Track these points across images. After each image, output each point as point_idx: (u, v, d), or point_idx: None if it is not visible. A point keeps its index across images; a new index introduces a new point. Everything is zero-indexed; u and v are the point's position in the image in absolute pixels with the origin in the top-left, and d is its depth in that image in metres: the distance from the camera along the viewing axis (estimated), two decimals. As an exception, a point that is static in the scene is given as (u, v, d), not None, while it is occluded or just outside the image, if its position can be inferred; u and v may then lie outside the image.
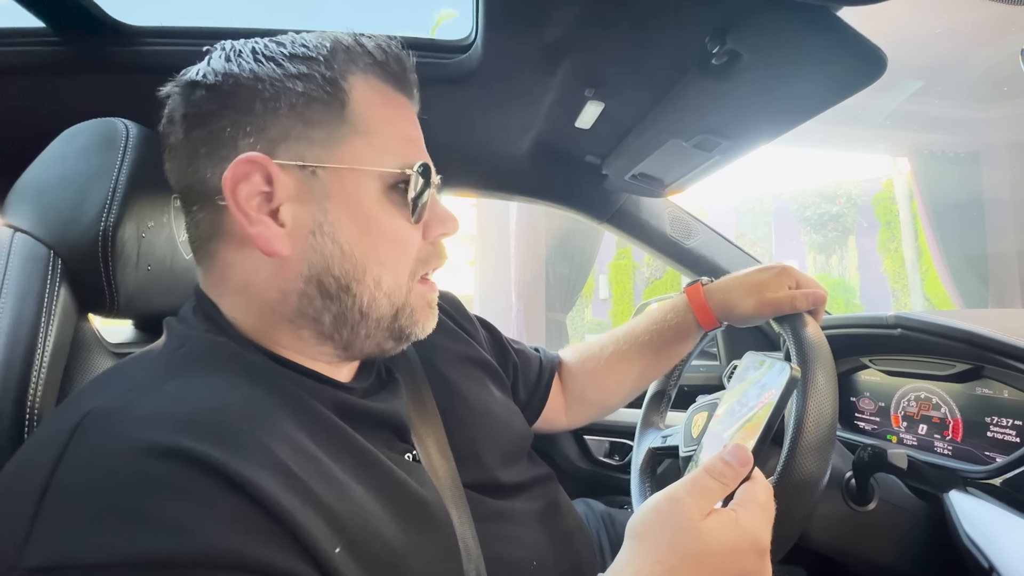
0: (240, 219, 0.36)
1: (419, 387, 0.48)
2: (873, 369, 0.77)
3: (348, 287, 0.38)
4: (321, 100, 0.37)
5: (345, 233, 0.38)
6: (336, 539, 0.30)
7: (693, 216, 1.08)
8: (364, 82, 0.39)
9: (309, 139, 0.37)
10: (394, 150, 0.40)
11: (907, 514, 0.60)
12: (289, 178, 0.37)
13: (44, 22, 0.64)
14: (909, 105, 3.66)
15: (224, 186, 0.36)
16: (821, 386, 0.46)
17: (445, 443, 0.46)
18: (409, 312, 0.41)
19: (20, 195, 0.50)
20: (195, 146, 0.37)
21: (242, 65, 0.37)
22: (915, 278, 6.88)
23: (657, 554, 0.32)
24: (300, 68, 0.37)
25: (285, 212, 0.37)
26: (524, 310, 4.24)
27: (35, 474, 0.27)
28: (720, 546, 0.31)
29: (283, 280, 0.38)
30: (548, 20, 0.58)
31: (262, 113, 0.36)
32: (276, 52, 0.38)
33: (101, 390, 0.34)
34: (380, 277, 0.39)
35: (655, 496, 0.34)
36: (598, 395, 0.70)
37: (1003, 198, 3.87)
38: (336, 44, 0.39)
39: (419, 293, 0.42)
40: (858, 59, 0.52)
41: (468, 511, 0.42)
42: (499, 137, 0.89)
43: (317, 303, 0.38)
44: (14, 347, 0.41)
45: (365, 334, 0.40)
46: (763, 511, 0.34)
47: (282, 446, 0.31)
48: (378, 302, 0.39)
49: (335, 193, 0.37)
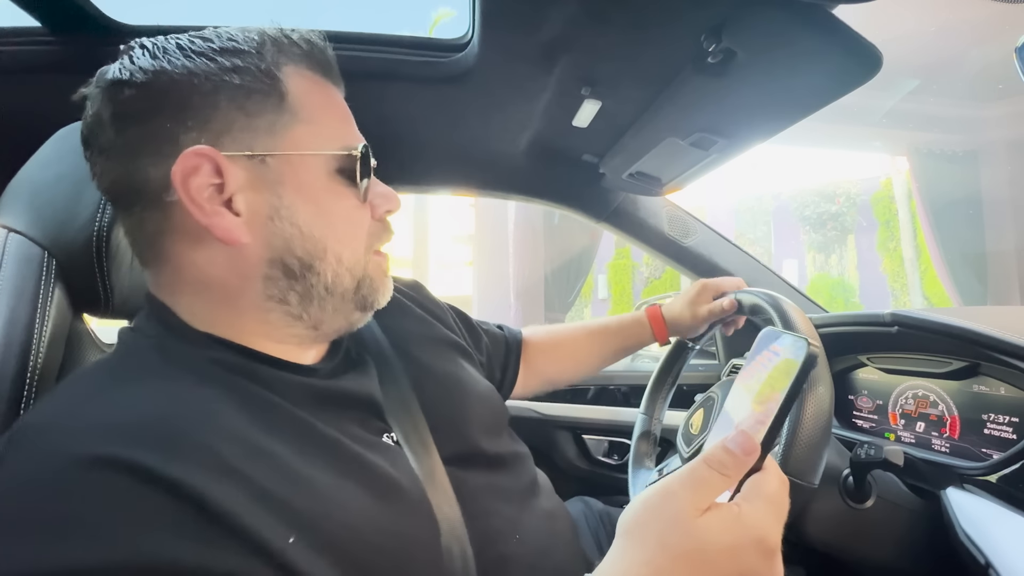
0: (195, 212, 0.36)
1: (391, 368, 0.49)
2: (871, 367, 0.77)
3: (311, 266, 0.39)
4: (260, 91, 0.38)
5: (302, 215, 0.39)
6: (289, 530, 0.30)
7: (691, 215, 1.08)
8: (296, 72, 0.41)
9: (253, 128, 0.38)
10: (335, 134, 0.41)
11: (904, 511, 0.60)
12: (238, 168, 0.37)
13: (40, 21, 0.64)
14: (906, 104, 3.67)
15: (174, 181, 0.36)
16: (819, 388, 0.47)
17: (422, 421, 0.46)
18: (369, 282, 0.43)
19: (14, 195, 0.50)
20: (132, 145, 0.37)
21: (172, 62, 0.37)
22: (914, 277, 6.90)
23: (645, 553, 0.28)
24: (234, 61, 0.38)
25: (239, 201, 0.37)
26: (522, 310, 4.24)
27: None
28: (716, 544, 0.28)
29: (244, 267, 0.38)
30: (544, 19, 0.58)
31: (202, 107, 0.37)
32: (205, 47, 0.38)
33: (44, 404, 0.34)
34: (340, 253, 0.40)
35: (648, 489, 0.30)
36: (555, 371, 0.79)
37: (1001, 196, 3.88)
38: (264, 37, 0.40)
39: (375, 264, 0.44)
40: (853, 57, 0.52)
41: (450, 488, 0.42)
42: (496, 136, 0.89)
43: (282, 283, 0.39)
44: (9, 348, 0.41)
45: (332, 308, 0.41)
46: (771, 505, 0.29)
47: (227, 444, 0.31)
48: (340, 276, 0.41)
49: (287, 178, 0.39)
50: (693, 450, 0.62)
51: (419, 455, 0.43)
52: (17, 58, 0.65)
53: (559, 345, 0.78)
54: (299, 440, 0.35)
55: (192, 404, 0.33)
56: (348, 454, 0.37)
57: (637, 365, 1.26)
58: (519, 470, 0.52)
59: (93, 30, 0.65)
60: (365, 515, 0.34)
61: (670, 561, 0.28)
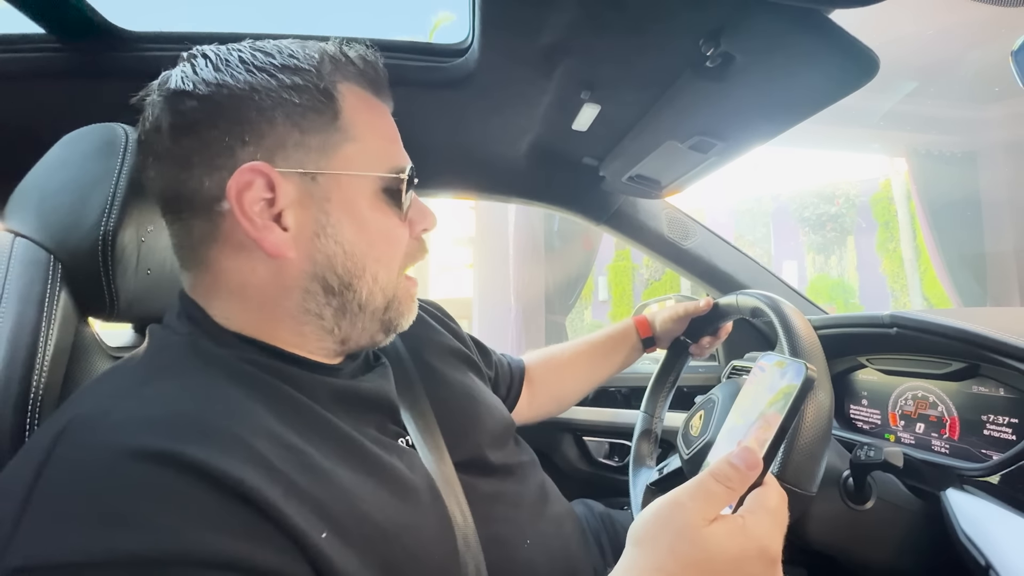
0: (246, 225, 0.37)
1: (407, 372, 0.51)
2: (870, 368, 0.77)
3: (350, 284, 0.40)
4: (316, 109, 0.39)
5: (346, 234, 0.40)
6: (322, 525, 0.31)
7: (690, 217, 1.08)
8: (350, 90, 0.41)
9: (307, 147, 0.39)
10: (382, 154, 0.42)
11: (905, 512, 0.60)
12: (290, 184, 0.38)
13: (44, 28, 0.64)
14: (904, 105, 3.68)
15: (229, 194, 0.37)
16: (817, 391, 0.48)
17: (434, 424, 0.47)
18: (397, 304, 0.44)
19: (21, 200, 0.51)
20: (187, 155, 0.38)
21: (235, 76, 0.38)
22: (914, 278, 6.90)
23: (657, 560, 0.30)
24: (294, 79, 0.39)
25: (288, 216, 0.38)
26: (523, 312, 4.24)
27: (20, 480, 0.28)
28: (723, 554, 0.30)
29: (285, 279, 0.39)
30: (544, 24, 0.58)
31: (259, 123, 0.38)
32: (266, 63, 0.39)
33: (84, 398, 0.35)
34: (377, 273, 0.41)
35: (658, 500, 0.33)
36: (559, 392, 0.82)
37: (1000, 198, 3.88)
38: (324, 54, 0.41)
39: (405, 287, 0.45)
40: (851, 61, 0.52)
41: (461, 492, 0.44)
42: (496, 139, 0.90)
43: (320, 298, 0.40)
44: (15, 352, 0.41)
45: (362, 327, 0.43)
46: (773, 517, 0.32)
47: (262, 441, 0.32)
48: (374, 295, 0.42)
49: (334, 197, 0.39)
50: (692, 451, 0.63)
51: (433, 459, 0.44)
52: (24, 65, 0.66)
53: (560, 368, 0.81)
54: (324, 439, 0.36)
55: (226, 401, 0.34)
56: (368, 454, 0.38)
57: (637, 366, 1.26)
58: (527, 477, 0.53)
59: (99, 37, 0.65)
60: (386, 514, 0.35)
61: (680, 568, 0.30)
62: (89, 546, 0.26)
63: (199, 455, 0.29)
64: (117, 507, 0.27)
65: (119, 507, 0.27)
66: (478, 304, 4.61)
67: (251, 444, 0.32)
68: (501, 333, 4.11)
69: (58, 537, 0.26)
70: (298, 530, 0.30)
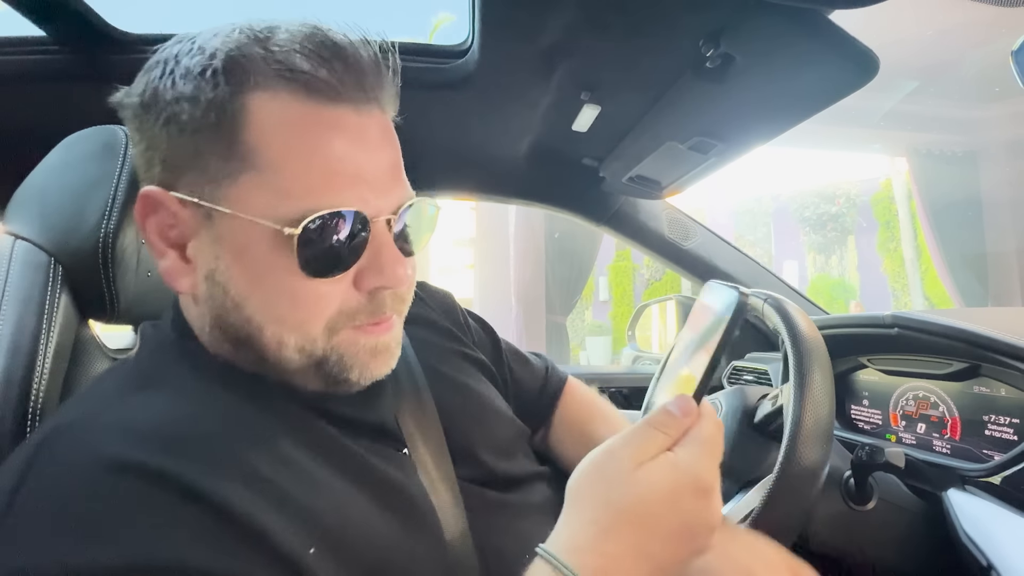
0: (151, 249, 0.35)
1: (415, 382, 0.47)
2: (871, 368, 0.77)
3: (248, 340, 0.34)
4: (208, 127, 0.31)
5: (236, 285, 0.33)
6: (310, 540, 0.30)
7: (691, 218, 1.08)
8: (270, 101, 0.31)
9: (203, 171, 0.32)
10: (302, 192, 0.31)
11: (906, 513, 0.60)
12: (188, 214, 0.33)
13: (45, 31, 0.64)
14: (905, 105, 3.68)
15: (136, 216, 0.34)
16: (816, 379, 0.48)
17: (441, 438, 0.45)
18: (336, 360, 0.35)
19: (21, 203, 0.51)
20: (136, 166, 0.36)
21: (149, 81, 0.33)
22: (915, 277, 6.89)
23: (592, 512, 0.29)
24: (186, 88, 0.31)
25: (190, 249, 0.34)
26: (524, 313, 4.24)
27: (1, 490, 0.28)
28: (655, 493, 0.28)
29: (199, 315, 0.36)
30: (544, 25, 0.58)
31: (161, 138, 0.32)
32: (177, 65, 0.32)
33: (72, 405, 0.34)
34: (280, 336, 0.33)
35: (593, 451, 0.31)
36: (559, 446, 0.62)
37: (1001, 197, 3.88)
38: (234, 51, 0.31)
39: (349, 340, 0.35)
40: (851, 61, 0.52)
41: (462, 504, 0.42)
42: (497, 140, 0.90)
43: (227, 346, 0.35)
44: (15, 354, 0.42)
45: (300, 379, 0.36)
46: (705, 447, 0.30)
47: (251, 452, 0.31)
48: (287, 358, 0.34)
49: (226, 238, 0.32)
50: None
51: (431, 469, 0.42)
52: (23, 67, 0.66)
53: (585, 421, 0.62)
54: (317, 450, 0.35)
55: (215, 410, 0.33)
56: (364, 467, 0.36)
57: (638, 367, 1.26)
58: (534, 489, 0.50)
59: (99, 40, 0.66)
60: (378, 529, 0.34)
61: (613, 517, 0.28)
62: (64, 556, 0.25)
63: (178, 468, 0.28)
64: (94, 519, 0.26)
65: (96, 519, 0.26)
66: (478, 305, 4.61)
67: (239, 456, 0.30)
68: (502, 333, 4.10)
69: (35, 548, 0.26)
70: (283, 547, 0.28)
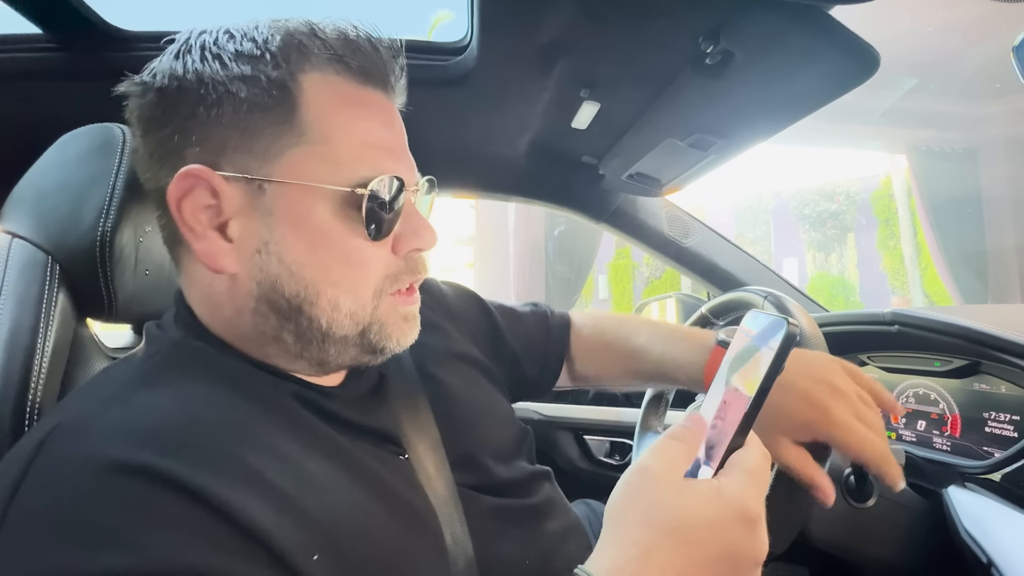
0: (186, 233, 0.34)
1: (411, 389, 0.47)
2: (871, 366, 0.77)
3: (300, 308, 0.35)
4: (264, 105, 0.33)
5: (292, 253, 0.35)
6: (314, 545, 0.29)
7: (691, 215, 1.08)
8: (321, 81, 0.35)
9: (250, 148, 0.34)
10: (350, 161, 0.35)
11: (906, 510, 0.60)
12: (234, 191, 0.34)
13: (40, 28, 0.64)
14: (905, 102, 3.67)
15: (169, 200, 0.34)
16: None
17: (439, 443, 0.44)
18: (378, 328, 0.38)
19: (18, 201, 0.50)
20: (149, 151, 0.36)
21: (187, 65, 0.34)
22: (915, 275, 6.89)
23: (633, 534, 0.29)
24: (244, 69, 0.33)
25: (233, 227, 0.35)
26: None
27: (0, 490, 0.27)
28: (700, 519, 0.28)
29: (237, 297, 0.36)
30: (543, 21, 0.58)
31: (205, 119, 0.34)
32: (224, 47, 0.34)
33: (72, 403, 0.33)
34: (336, 299, 0.36)
35: (626, 472, 0.31)
36: (593, 373, 0.65)
37: (1001, 194, 3.87)
38: (288, 38, 0.34)
39: (389, 307, 0.38)
40: (851, 57, 0.52)
41: (460, 509, 0.41)
42: (496, 138, 0.90)
43: (273, 322, 0.36)
44: (13, 353, 0.41)
45: (335, 352, 0.37)
46: (751, 477, 0.29)
47: (256, 454, 0.31)
48: (338, 323, 0.36)
49: (280, 209, 0.34)
50: None
51: (431, 474, 0.42)
52: (19, 65, 0.66)
53: (598, 341, 0.64)
54: (322, 453, 0.34)
55: (218, 411, 0.32)
56: (365, 470, 0.36)
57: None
58: (533, 491, 0.50)
59: (96, 37, 0.65)
60: (380, 532, 0.34)
61: (655, 538, 0.28)
62: (68, 565, 0.25)
63: (182, 470, 0.28)
64: (97, 523, 0.26)
65: (99, 523, 0.26)
66: (478, 303, 4.60)
67: (243, 458, 0.30)
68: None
69: (37, 554, 0.25)
70: (287, 552, 0.28)
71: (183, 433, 0.30)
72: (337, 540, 0.31)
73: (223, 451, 0.30)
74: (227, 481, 0.29)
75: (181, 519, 0.27)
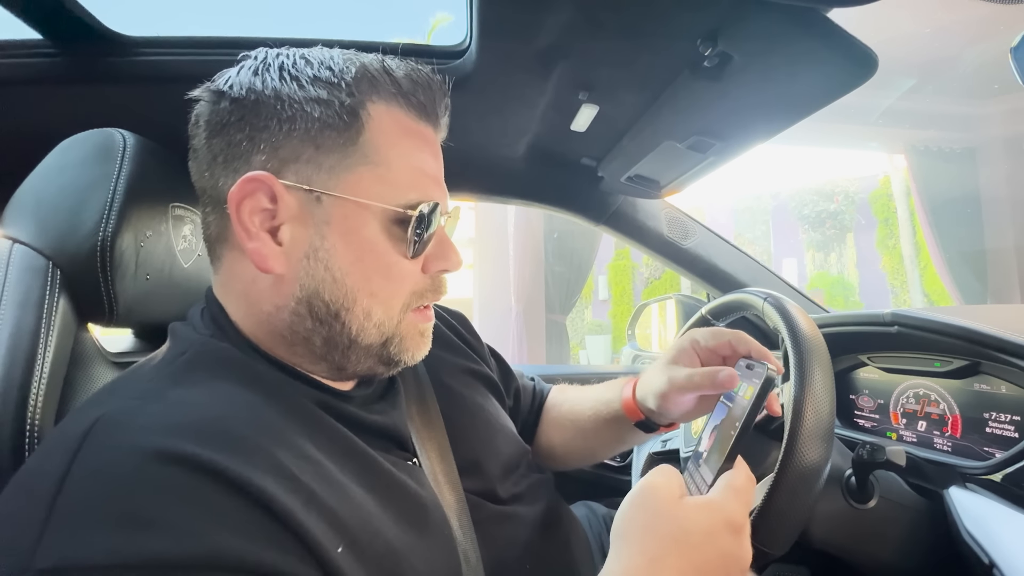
0: (239, 232, 0.37)
1: (424, 396, 0.49)
2: (871, 367, 0.77)
3: (337, 314, 0.38)
4: (335, 127, 0.37)
5: (339, 261, 0.38)
6: (338, 539, 0.31)
7: (690, 216, 1.08)
8: (386, 112, 0.39)
9: (318, 164, 0.37)
10: (404, 185, 0.39)
11: (907, 511, 0.60)
12: (293, 199, 0.37)
13: (40, 33, 0.64)
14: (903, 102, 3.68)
15: (230, 199, 0.37)
16: (817, 378, 0.48)
17: (448, 449, 0.46)
18: (398, 341, 0.41)
19: (18, 206, 0.51)
20: (213, 153, 0.39)
21: (266, 81, 0.38)
22: (914, 275, 6.89)
23: (640, 543, 0.33)
24: (320, 92, 0.37)
25: (285, 231, 0.38)
26: (523, 312, 4.24)
27: (47, 479, 0.28)
28: (696, 527, 0.33)
29: (278, 296, 0.39)
30: (541, 25, 0.58)
31: (277, 132, 0.37)
32: (302, 71, 0.38)
33: (108, 398, 0.35)
34: (370, 308, 0.39)
35: (632, 490, 0.36)
36: (560, 449, 0.67)
37: (1000, 194, 3.88)
38: (362, 71, 0.39)
39: (410, 323, 0.42)
40: (849, 59, 0.52)
41: (468, 514, 0.43)
42: (495, 141, 0.90)
43: (308, 324, 0.39)
44: (14, 358, 0.41)
45: (356, 359, 0.41)
46: (737, 493, 0.35)
47: (283, 451, 0.32)
48: (367, 332, 0.39)
49: (335, 220, 0.38)
50: (688, 452, 0.63)
51: (441, 480, 0.44)
52: (20, 70, 0.66)
53: (573, 424, 0.65)
54: (340, 454, 0.36)
55: (248, 409, 0.34)
56: (381, 472, 0.38)
57: (637, 367, 1.26)
58: (536, 499, 0.52)
59: (96, 43, 0.65)
60: (396, 532, 0.35)
61: (660, 545, 0.33)
62: (120, 548, 0.26)
63: (224, 461, 0.29)
64: (145, 509, 0.27)
65: (147, 509, 0.27)
66: (478, 304, 4.60)
67: (273, 453, 0.32)
68: (502, 333, 4.11)
69: (87, 539, 0.26)
70: (317, 542, 0.30)
71: (219, 427, 0.31)
72: (357, 537, 0.32)
73: (256, 445, 0.31)
74: (262, 472, 0.30)
75: (222, 507, 0.28)
